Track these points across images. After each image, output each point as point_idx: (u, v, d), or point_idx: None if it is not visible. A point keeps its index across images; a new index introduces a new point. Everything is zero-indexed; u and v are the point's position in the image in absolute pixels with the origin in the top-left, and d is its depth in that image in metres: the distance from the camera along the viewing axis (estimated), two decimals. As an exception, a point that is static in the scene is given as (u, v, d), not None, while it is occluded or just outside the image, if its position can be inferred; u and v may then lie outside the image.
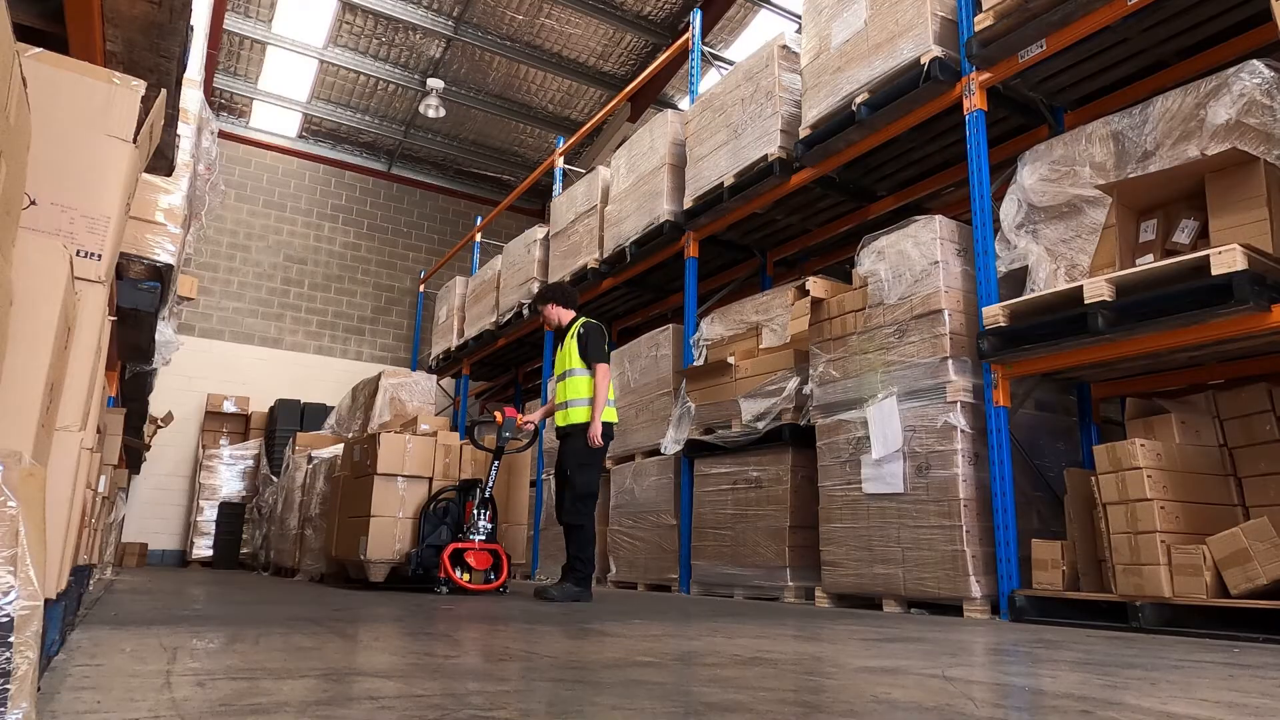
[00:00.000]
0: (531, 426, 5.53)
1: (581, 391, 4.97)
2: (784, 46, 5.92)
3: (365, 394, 8.98)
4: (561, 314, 5.30)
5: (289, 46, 10.72)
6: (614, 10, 10.04)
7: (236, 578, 7.59)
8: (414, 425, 6.34)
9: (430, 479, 5.75)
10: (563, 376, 5.08)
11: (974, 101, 4.42)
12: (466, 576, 5.15)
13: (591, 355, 4.97)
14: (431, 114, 11.60)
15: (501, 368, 11.92)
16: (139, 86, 1.59)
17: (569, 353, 5.06)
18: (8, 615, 0.86)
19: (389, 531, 5.51)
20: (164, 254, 3.11)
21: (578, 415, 4.95)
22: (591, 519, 4.92)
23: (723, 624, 3.31)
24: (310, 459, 7.70)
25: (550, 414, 5.36)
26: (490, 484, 5.38)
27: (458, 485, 5.66)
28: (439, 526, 5.46)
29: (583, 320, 5.15)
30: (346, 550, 5.76)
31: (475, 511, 5.32)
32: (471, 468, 5.91)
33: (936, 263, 4.37)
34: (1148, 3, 3.73)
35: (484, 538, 5.26)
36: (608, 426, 4.94)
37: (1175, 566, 3.19)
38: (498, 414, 5.38)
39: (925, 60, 4.53)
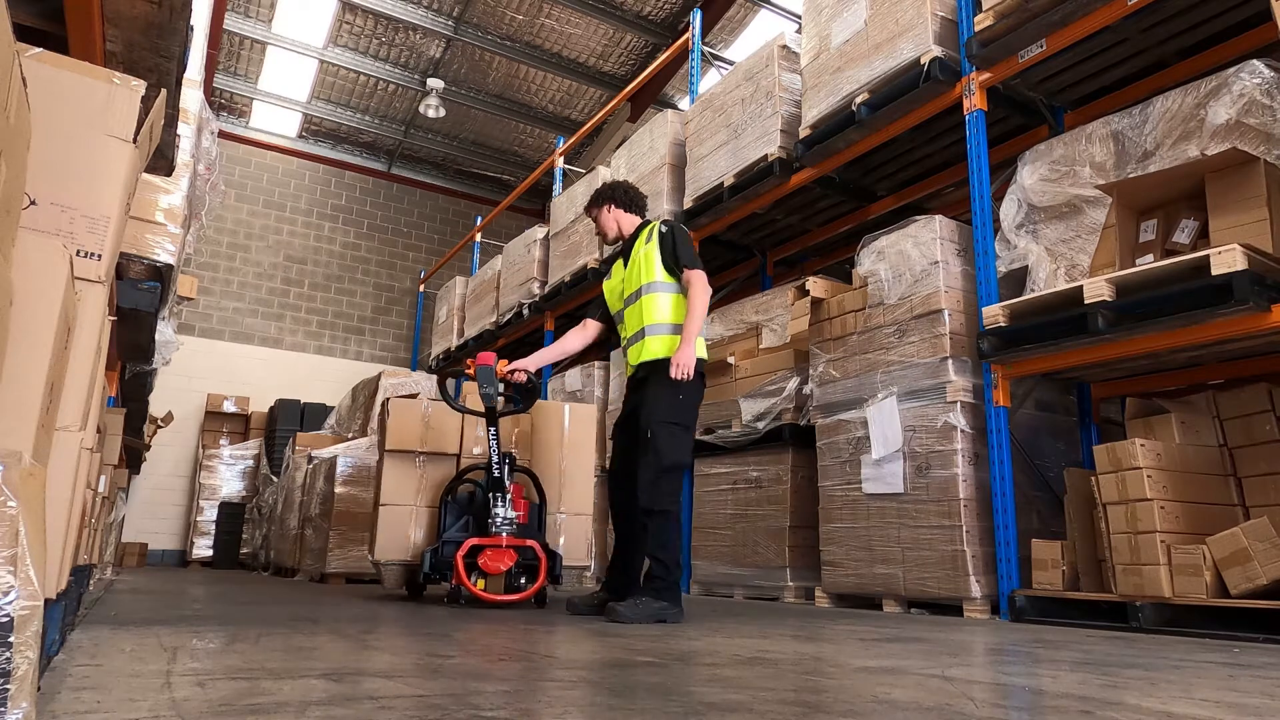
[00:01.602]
0: (522, 376, 4.02)
1: (665, 313, 3.60)
2: (784, 46, 5.92)
3: (365, 394, 8.97)
4: (623, 220, 3.93)
5: (289, 46, 10.72)
6: (614, 10, 10.04)
7: (236, 578, 7.59)
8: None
9: (458, 456, 4.67)
10: (632, 299, 3.74)
11: (974, 101, 4.42)
12: (482, 583, 3.91)
13: (684, 259, 3.61)
14: (431, 114, 11.60)
15: (501, 368, 11.91)
16: (139, 86, 1.59)
17: (642, 264, 3.71)
18: (8, 615, 0.86)
19: (403, 525, 4.50)
20: (164, 254, 3.11)
21: (660, 347, 3.55)
22: (679, 503, 3.55)
23: (723, 624, 3.30)
24: (310, 459, 7.70)
25: (560, 357, 4.20)
26: (496, 459, 4.03)
27: (486, 463, 4.35)
28: (463, 517, 4.28)
29: (662, 220, 3.85)
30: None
31: (491, 497, 4.03)
32: (514, 439, 4.77)
33: (936, 263, 4.37)
34: (1148, 3, 3.73)
35: (509, 531, 3.97)
36: (697, 363, 3.49)
37: (1175, 566, 3.19)
38: (469, 362, 4.01)
39: (925, 60, 4.53)
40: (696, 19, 7.57)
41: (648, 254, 3.71)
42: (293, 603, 4.02)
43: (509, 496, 4.05)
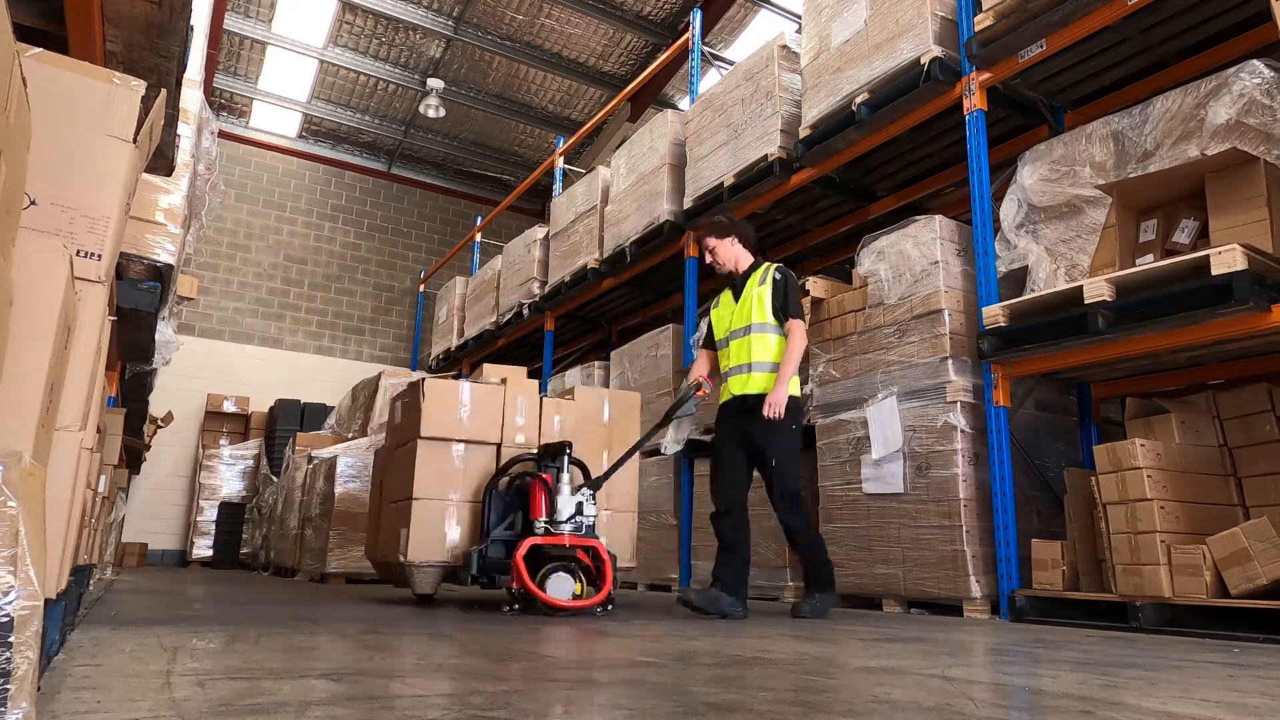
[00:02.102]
0: (704, 395, 4.19)
1: (773, 353, 3.94)
2: (784, 46, 5.91)
3: (365, 394, 8.97)
4: (742, 257, 4.18)
5: (289, 46, 10.72)
6: (614, 10, 10.04)
7: (236, 578, 7.59)
8: (480, 375, 4.68)
9: (499, 445, 4.29)
10: (741, 333, 4.03)
11: (974, 101, 4.42)
12: (578, 588, 3.69)
13: (792, 309, 3.95)
14: (431, 114, 11.60)
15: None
16: (139, 86, 1.59)
17: (755, 303, 4.01)
18: (8, 615, 0.86)
19: (438, 521, 4.05)
20: (164, 254, 3.11)
21: (767, 383, 3.89)
22: (806, 516, 3.94)
23: (723, 624, 3.31)
24: (310, 459, 7.70)
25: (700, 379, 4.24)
26: (621, 462, 4.06)
27: (537, 453, 4.10)
28: (512, 513, 3.99)
29: (775, 265, 4.11)
30: (388, 549, 4.33)
31: (578, 493, 3.88)
32: (559, 428, 4.44)
33: (936, 263, 4.37)
34: (1148, 2, 3.73)
35: (574, 531, 3.80)
36: (793, 401, 3.86)
37: (1175, 566, 3.19)
38: (698, 381, 4.14)
39: (925, 60, 4.53)
40: (696, 19, 7.57)
41: (760, 295, 4.02)
42: (293, 603, 4.02)
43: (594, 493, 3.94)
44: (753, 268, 4.15)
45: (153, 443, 9.81)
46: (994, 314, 3.97)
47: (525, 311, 9.24)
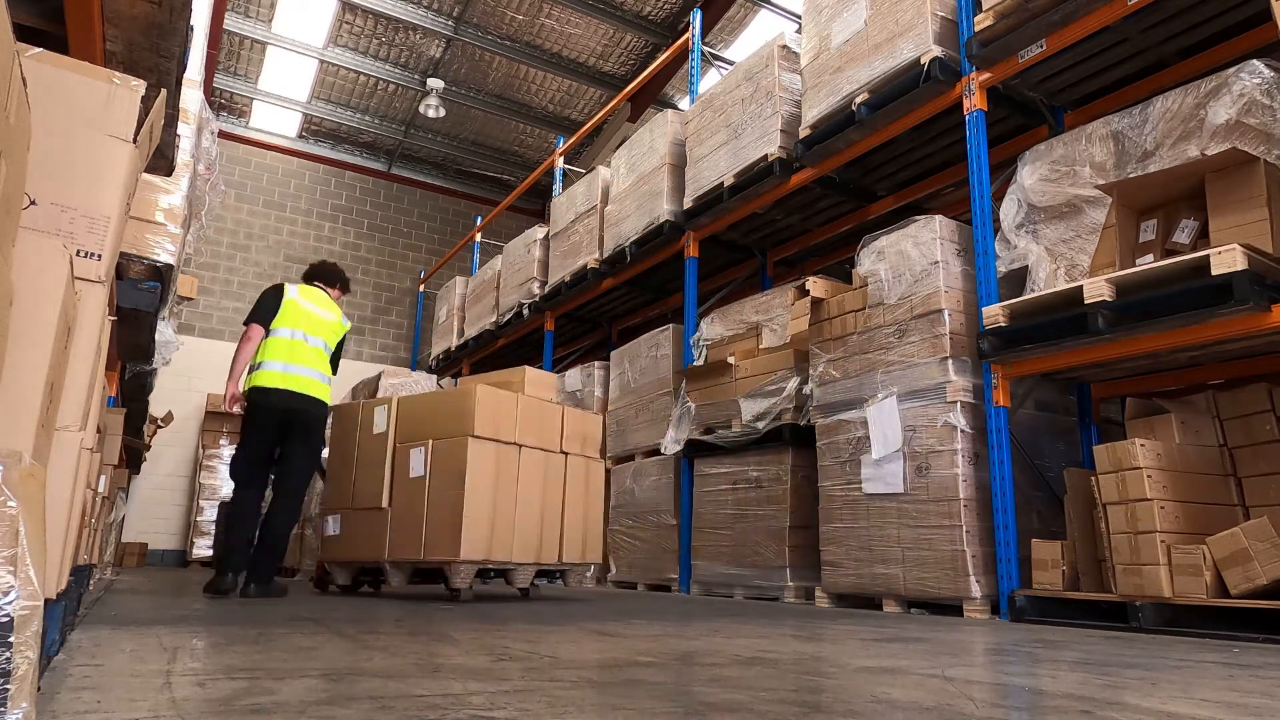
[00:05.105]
0: None
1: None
2: (784, 46, 5.92)
3: (365, 394, 8.97)
4: None
5: (289, 46, 10.72)
6: (614, 10, 10.04)
7: (236, 578, 7.57)
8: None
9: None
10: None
11: (974, 101, 4.42)
12: None
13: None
14: (431, 114, 11.60)
15: (501, 368, 11.92)
16: (139, 86, 1.59)
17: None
18: (8, 615, 0.86)
19: None
20: (164, 254, 3.11)
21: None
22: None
23: (723, 624, 3.31)
24: (310, 459, 7.67)
25: None
26: None
27: None
28: None
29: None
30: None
31: None
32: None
33: (936, 263, 4.37)
34: (1148, 2, 3.73)
35: None
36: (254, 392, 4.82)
37: (1175, 566, 3.19)
38: None
39: (925, 60, 4.53)
40: (696, 19, 7.57)
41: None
42: (292, 602, 4.02)
43: None
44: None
45: (153, 443, 9.81)
46: (994, 314, 3.97)
47: (525, 311, 9.24)
